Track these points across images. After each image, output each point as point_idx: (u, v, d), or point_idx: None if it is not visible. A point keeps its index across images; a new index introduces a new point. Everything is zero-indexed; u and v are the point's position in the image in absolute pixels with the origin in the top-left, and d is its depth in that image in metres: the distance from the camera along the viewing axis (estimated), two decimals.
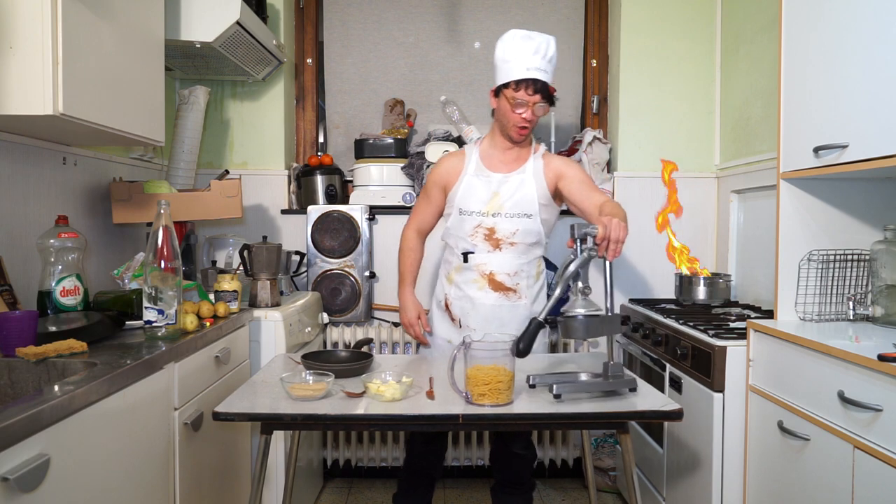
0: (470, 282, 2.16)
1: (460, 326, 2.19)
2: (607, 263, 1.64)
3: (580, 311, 1.58)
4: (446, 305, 2.23)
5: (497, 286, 2.14)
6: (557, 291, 1.60)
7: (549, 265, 2.87)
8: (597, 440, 3.08)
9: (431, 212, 2.27)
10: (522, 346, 1.54)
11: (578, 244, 1.64)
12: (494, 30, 3.33)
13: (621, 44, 3.11)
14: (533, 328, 1.55)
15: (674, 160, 3.12)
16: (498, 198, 2.12)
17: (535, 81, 1.99)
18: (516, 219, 2.11)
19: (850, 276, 1.99)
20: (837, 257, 1.98)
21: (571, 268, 1.61)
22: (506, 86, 2.03)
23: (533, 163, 2.15)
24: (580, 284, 1.61)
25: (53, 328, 1.59)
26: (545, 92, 2.01)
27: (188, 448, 1.69)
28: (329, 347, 2.92)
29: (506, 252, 2.13)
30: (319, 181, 3.06)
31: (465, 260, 2.16)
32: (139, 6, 1.93)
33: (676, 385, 2.26)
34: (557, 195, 2.16)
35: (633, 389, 1.63)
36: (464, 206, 2.15)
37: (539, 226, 2.13)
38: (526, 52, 1.99)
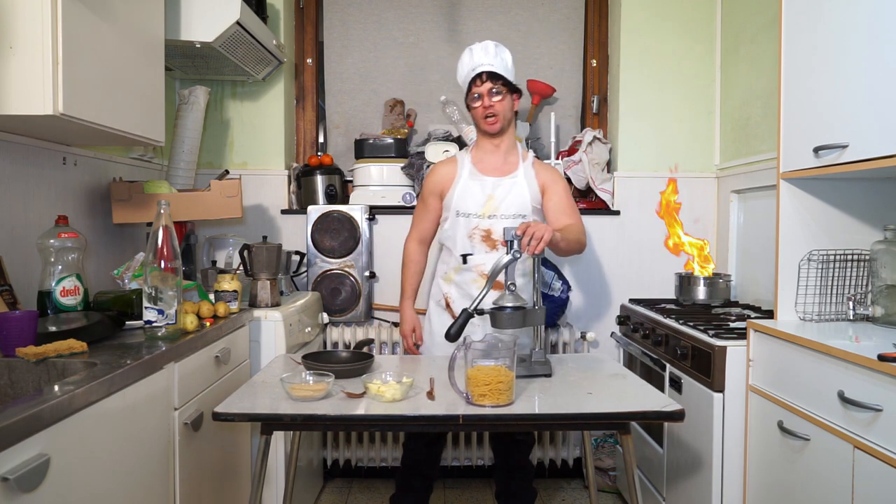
0: (470, 282, 2.23)
1: None
2: (537, 263, 1.86)
3: (508, 304, 1.77)
4: (447, 304, 2.28)
5: (497, 285, 2.16)
6: (485, 288, 1.79)
7: (547, 263, 2.88)
8: (597, 440, 3.08)
9: (430, 219, 2.36)
10: (454, 332, 1.79)
11: (508, 246, 1.82)
12: (494, 30, 3.33)
13: (621, 44, 3.11)
14: (463, 318, 1.79)
15: (674, 160, 3.13)
16: (493, 200, 2.21)
17: (479, 74, 2.17)
18: (511, 220, 2.19)
19: (850, 276, 1.99)
20: (837, 257, 1.98)
21: (502, 263, 1.81)
22: (468, 91, 2.22)
23: (524, 169, 2.26)
24: (508, 281, 1.82)
25: (53, 328, 1.59)
26: (494, 78, 2.16)
27: (188, 448, 1.69)
28: (329, 347, 2.91)
29: (503, 252, 2.16)
30: (319, 181, 3.06)
31: (465, 262, 2.23)
32: (139, 6, 1.93)
33: (676, 385, 2.26)
34: None
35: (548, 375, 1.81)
36: (461, 208, 2.23)
37: None
38: (470, 60, 2.20)
